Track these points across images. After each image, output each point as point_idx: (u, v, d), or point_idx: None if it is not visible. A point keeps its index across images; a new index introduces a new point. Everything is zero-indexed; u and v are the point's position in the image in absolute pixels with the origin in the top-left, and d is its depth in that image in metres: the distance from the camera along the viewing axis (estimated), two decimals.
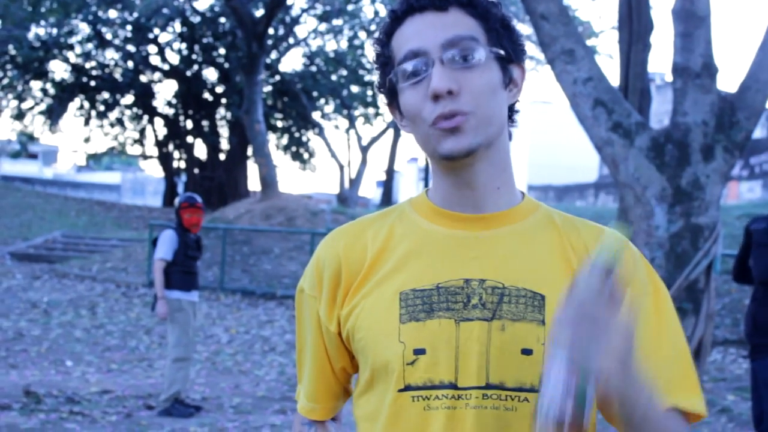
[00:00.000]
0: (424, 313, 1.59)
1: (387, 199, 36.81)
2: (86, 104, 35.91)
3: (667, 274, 7.74)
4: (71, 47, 32.19)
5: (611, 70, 43.21)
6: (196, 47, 34.28)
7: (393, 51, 1.65)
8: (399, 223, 1.72)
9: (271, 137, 37.28)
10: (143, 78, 34.79)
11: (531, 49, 30.28)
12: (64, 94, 34.53)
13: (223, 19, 32.12)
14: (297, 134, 38.49)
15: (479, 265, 1.62)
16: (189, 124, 36.57)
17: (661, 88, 35.59)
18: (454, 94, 1.55)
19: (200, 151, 36.61)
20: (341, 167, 36.28)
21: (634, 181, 7.97)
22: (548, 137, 47.75)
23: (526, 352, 1.56)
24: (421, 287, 1.61)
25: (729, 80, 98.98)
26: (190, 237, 8.80)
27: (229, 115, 35.38)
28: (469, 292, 1.59)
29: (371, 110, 36.86)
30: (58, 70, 37.79)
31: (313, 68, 35.00)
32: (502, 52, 1.63)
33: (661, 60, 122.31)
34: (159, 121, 37.25)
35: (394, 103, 1.70)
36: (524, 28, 28.76)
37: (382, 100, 1.77)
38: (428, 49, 1.57)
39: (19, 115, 35.40)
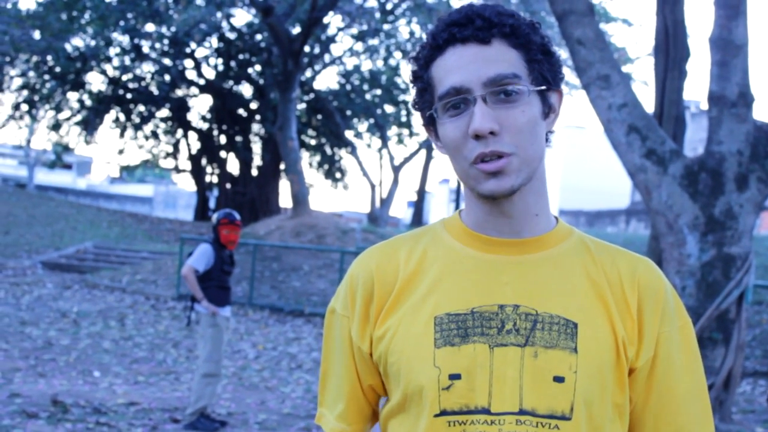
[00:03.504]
0: (459, 338, 1.59)
1: (418, 219, 36.82)
2: (122, 116, 36.17)
3: (698, 303, 7.69)
4: (109, 59, 32.45)
5: (646, 96, 43.03)
6: (232, 63, 34.46)
7: (433, 79, 1.64)
8: (432, 244, 1.72)
9: (304, 154, 37.40)
10: (179, 92, 35.01)
11: (566, 73, 30.26)
12: (100, 106, 34.79)
13: (259, 36, 32.29)
14: (330, 152, 38.60)
15: (513, 290, 1.62)
16: (222, 139, 36.74)
17: (695, 116, 35.45)
18: (496, 134, 1.55)
19: (233, 166, 36.79)
20: (373, 186, 36.33)
21: (667, 208, 7.92)
22: (581, 162, 47.64)
23: (558, 379, 1.56)
24: (455, 311, 1.61)
25: (765, 110, 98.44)
26: (225, 253, 8.82)
27: (262, 131, 35.54)
28: (503, 317, 1.60)
29: (404, 130, 36.91)
30: (95, 81, 38.15)
31: (348, 87, 35.09)
32: (543, 87, 1.63)
33: (696, 88, 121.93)
34: (193, 135, 37.45)
35: (431, 125, 1.69)
36: (561, 53, 28.75)
37: (416, 119, 1.77)
38: (471, 86, 1.57)
39: (56, 126, 35.70)
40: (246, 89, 35.93)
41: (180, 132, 37.69)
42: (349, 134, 36.05)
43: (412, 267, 1.69)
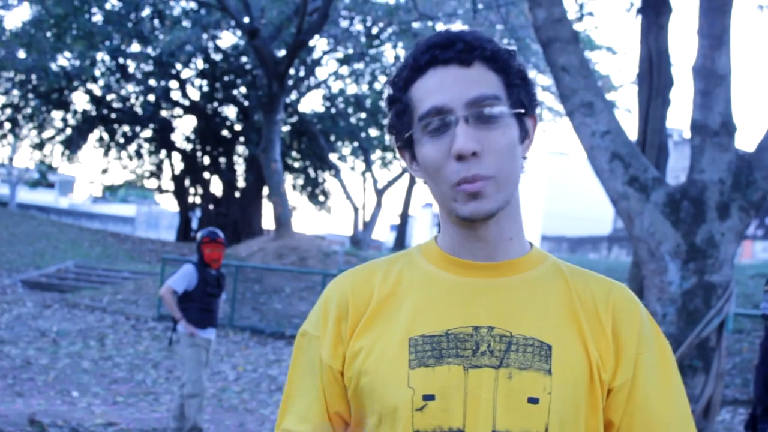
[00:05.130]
0: (433, 359, 1.59)
1: (400, 243, 36.80)
2: (106, 136, 36.09)
3: (678, 331, 7.70)
4: (94, 79, 32.42)
5: (630, 124, 43.29)
6: (217, 84, 34.48)
7: (412, 100, 1.65)
8: (408, 268, 1.73)
9: (288, 177, 37.39)
10: (163, 112, 34.98)
11: (550, 100, 30.41)
12: (84, 125, 34.72)
13: (245, 58, 32.33)
14: (313, 175, 38.61)
15: (488, 312, 1.63)
16: (206, 160, 36.71)
17: (678, 144, 35.64)
18: (478, 155, 1.56)
19: (216, 187, 36.77)
20: (356, 209, 36.33)
21: (649, 236, 7.95)
22: (564, 188, 47.77)
23: (533, 401, 1.56)
24: (430, 333, 1.61)
25: (747, 139, 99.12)
26: (211, 273, 8.66)
27: (246, 152, 35.51)
28: (477, 339, 1.60)
29: (388, 154, 36.96)
30: (80, 101, 38.04)
31: (333, 110, 35.15)
32: (522, 110, 1.65)
33: (679, 116, 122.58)
34: (176, 156, 37.41)
35: (406, 148, 1.71)
36: (544, 79, 28.89)
37: (392, 141, 1.78)
38: (453, 106, 1.58)
39: (39, 145, 35.61)
40: (230, 111, 35.96)
41: (164, 152, 37.65)
42: (333, 157, 36.05)
43: (388, 289, 1.70)
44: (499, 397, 1.56)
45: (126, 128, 35.87)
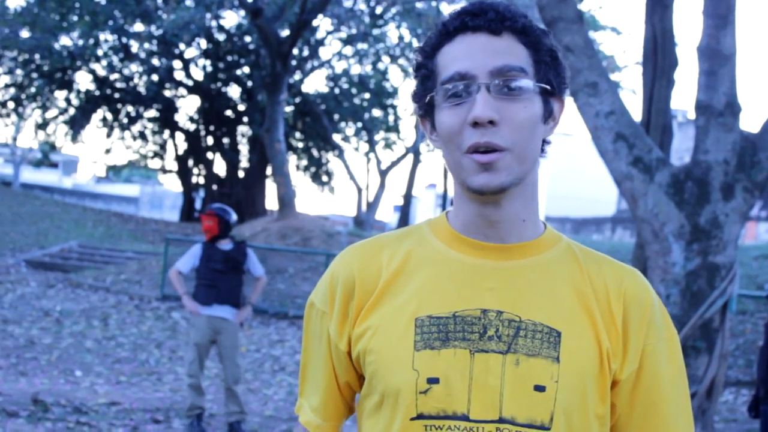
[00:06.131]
0: (439, 342, 1.57)
1: (404, 223, 36.77)
2: (109, 116, 36.05)
3: (682, 312, 7.69)
4: (97, 59, 32.37)
5: (634, 105, 43.18)
6: (221, 64, 34.42)
7: (438, 66, 1.62)
8: (417, 246, 1.69)
9: (291, 157, 37.35)
10: (167, 92, 34.94)
11: None
12: (87, 105, 34.69)
13: (248, 38, 32.26)
14: (317, 155, 38.56)
15: (497, 296, 1.60)
16: (210, 140, 36.69)
17: (682, 125, 35.54)
18: (495, 124, 1.53)
19: (219, 167, 36.75)
20: (359, 190, 36.30)
21: (653, 217, 7.93)
22: (568, 169, 47.71)
23: (539, 388, 1.55)
24: (437, 314, 1.59)
25: (752, 120, 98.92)
26: (217, 249, 8.53)
27: (250, 133, 35.48)
28: (485, 323, 1.58)
29: (392, 134, 36.90)
30: (83, 81, 37.97)
31: (336, 90, 35.07)
32: (548, 86, 1.61)
33: (683, 97, 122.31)
34: (180, 136, 37.39)
35: (427, 116, 1.67)
36: None
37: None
38: (476, 73, 1.55)
39: (43, 125, 35.58)
40: (234, 91, 35.88)
41: (167, 132, 37.63)
42: (336, 138, 36.00)
43: (395, 267, 1.67)
44: (506, 383, 1.54)
45: (129, 108, 35.83)
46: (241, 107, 35.66)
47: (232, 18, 33.59)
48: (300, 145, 38.60)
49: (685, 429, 1.67)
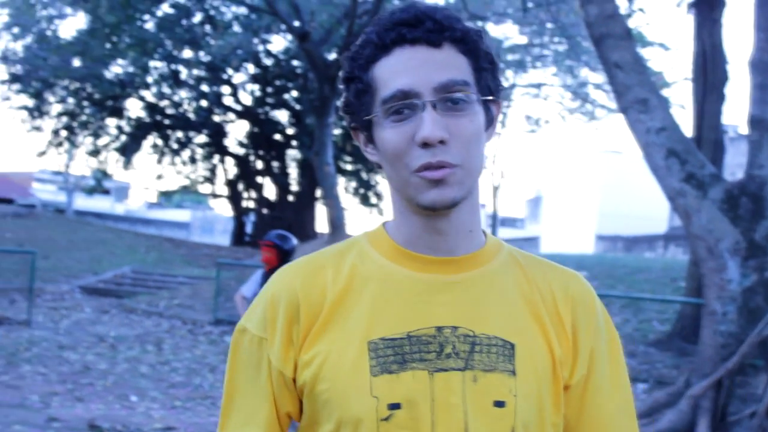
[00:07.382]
0: (396, 365, 1.50)
1: None
2: (160, 142, 36.46)
3: (739, 329, 7.59)
4: (147, 86, 32.75)
5: (684, 120, 42.89)
6: (269, 88, 34.66)
7: (375, 80, 1.54)
8: (360, 263, 1.61)
9: (340, 179, 37.48)
10: (216, 117, 35.24)
11: (603, 98, 30.16)
12: (138, 132, 35.11)
13: (296, 62, 32.47)
14: (365, 177, 38.65)
15: (450, 311, 1.54)
16: (259, 164, 36.93)
17: (734, 140, 35.17)
18: (445, 143, 1.48)
19: (270, 191, 36.98)
20: None
21: (707, 233, 7.84)
22: (618, 187, 47.35)
23: (499, 404, 1.50)
24: (391, 336, 1.52)
25: None
26: None
27: (299, 156, 35.66)
28: (441, 340, 1.52)
29: None
30: (134, 108, 38.41)
31: None
32: (491, 97, 1.57)
33: (734, 112, 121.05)
34: (230, 161, 37.71)
35: (362, 129, 1.62)
36: (596, 77, 28.68)
37: (346, 120, 1.68)
38: (420, 90, 1.49)
39: (95, 152, 36.02)
40: (282, 115, 36.13)
41: (217, 157, 37.94)
42: None
43: (341, 287, 1.58)
44: (468, 402, 1.49)
45: (179, 134, 36.21)
46: (290, 131, 35.86)
47: (279, 42, 33.80)
48: (349, 167, 38.71)
49: (628, 430, 1.65)
